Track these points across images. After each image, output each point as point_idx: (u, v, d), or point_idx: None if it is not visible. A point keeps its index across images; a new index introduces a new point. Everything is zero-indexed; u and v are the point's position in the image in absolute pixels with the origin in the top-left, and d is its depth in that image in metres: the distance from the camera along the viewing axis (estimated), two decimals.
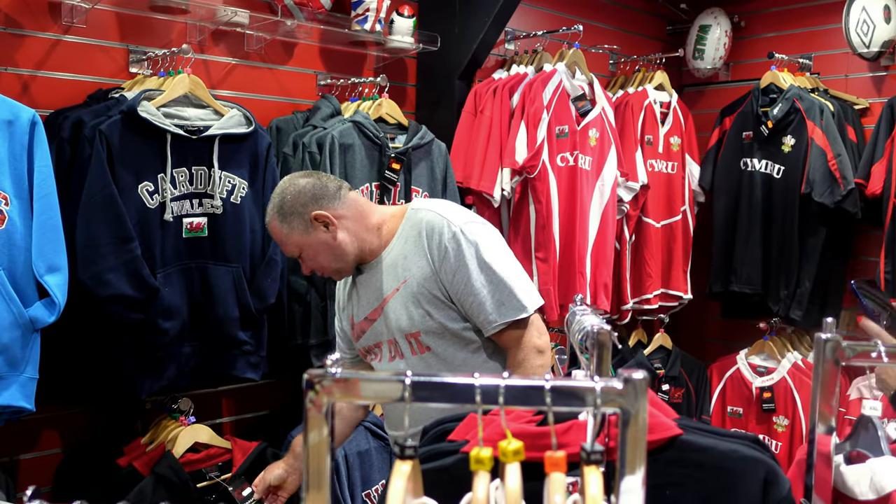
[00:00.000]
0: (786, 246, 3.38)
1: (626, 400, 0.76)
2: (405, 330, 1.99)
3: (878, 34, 3.27)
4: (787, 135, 3.38)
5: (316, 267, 2.05)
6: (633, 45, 3.84)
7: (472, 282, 1.92)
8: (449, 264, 1.93)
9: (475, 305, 1.94)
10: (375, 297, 2.05)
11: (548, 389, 0.76)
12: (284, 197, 2.00)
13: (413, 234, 1.99)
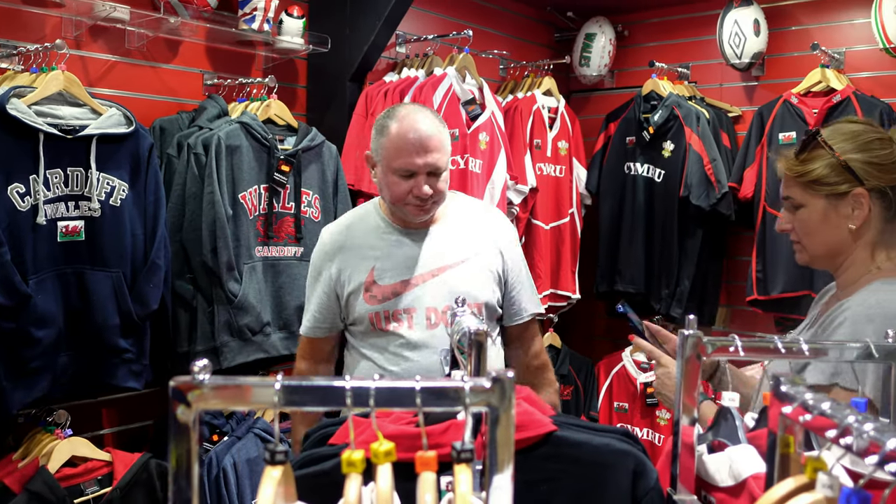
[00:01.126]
0: (666, 247, 3.52)
1: (494, 399, 0.78)
2: (474, 298, 2.05)
3: (749, 46, 3.46)
4: (666, 140, 3.53)
5: (441, 190, 2.01)
6: (523, 51, 3.92)
7: (522, 270, 2.18)
8: (512, 251, 2.16)
9: (520, 292, 2.16)
10: (429, 262, 2.06)
11: (418, 390, 0.77)
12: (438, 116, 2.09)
13: (478, 217, 2.17)
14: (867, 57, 3.40)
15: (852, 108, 3.21)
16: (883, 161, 1.49)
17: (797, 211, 1.56)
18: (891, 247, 1.52)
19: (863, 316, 1.40)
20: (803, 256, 1.60)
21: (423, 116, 2.03)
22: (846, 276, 1.55)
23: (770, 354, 1.11)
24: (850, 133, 1.52)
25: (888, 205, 1.50)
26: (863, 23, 3.37)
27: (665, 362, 1.62)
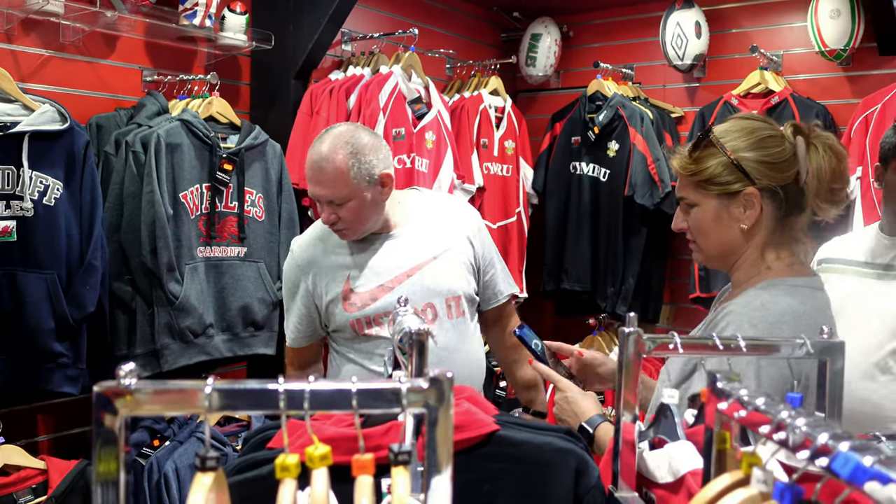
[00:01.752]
0: (611, 246, 3.56)
1: (432, 399, 0.77)
2: (451, 291, 2.12)
3: (691, 48, 3.52)
4: (611, 140, 3.57)
5: (348, 220, 2.04)
6: (470, 50, 3.92)
7: (493, 254, 2.24)
8: (481, 238, 2.22)
9: (494, 276, 2.23)
10: (401, 264, 2.11)
11: (354, 392, 0.76)
12: (360, 143, 2.02)
13: (443, 211, 2.21)
14: (804, 60, 3.48)
15: (790, 109, 3.29)
16: (775, 160, 1.47)
17: (691, 210, 1.54)
18: (781, 247, 1.51)
19: (745, 318, 1.40)
20: (699, 256, 1.59)
21: (325, 146, 2.02)
22: (737, 277, 1.55)
23: (708, 351, 1.12)
24: (742, 131, 1.49)
25: (779, 205, 1.48)
26: (800, 26, 3.45)
27: (563, 386, 1.60)
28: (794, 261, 1.52)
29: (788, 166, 1.47)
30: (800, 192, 1.47)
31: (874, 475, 0.59)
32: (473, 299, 2.20)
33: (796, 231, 1.51)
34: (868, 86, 3.30)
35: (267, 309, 2.79)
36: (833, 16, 3.22)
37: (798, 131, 1.48)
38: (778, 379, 1.36)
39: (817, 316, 1.42)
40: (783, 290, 1.45)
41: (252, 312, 2.75)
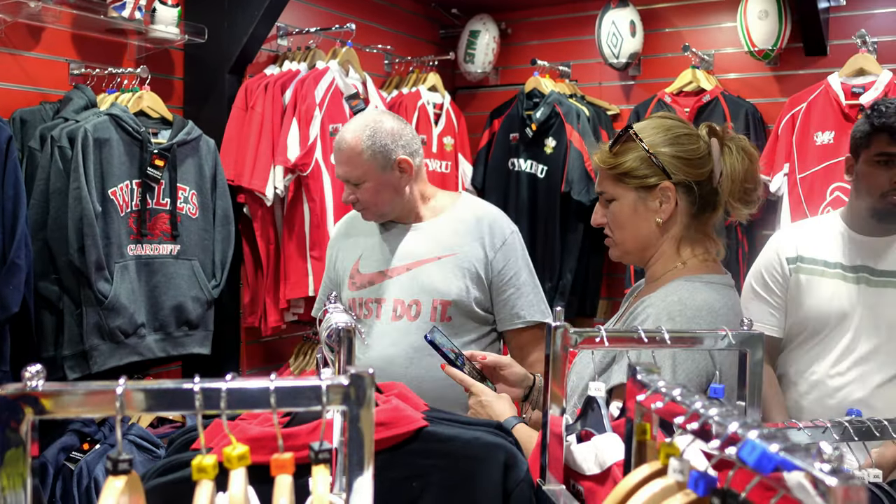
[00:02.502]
0: (549, 241, 3.60)
1: (352, 397, 0.76)
2: (442, 294, 2.09)
3: (626, 47, 3.57)
4: (549, 137, 3.61)
5: (366, 200, 2.11)
6: (408, 46, 3.91)
7: (520, 274, 2.13)
8: (504, 253, 2.13)
9: (513, 297, 2.12)
10: (406, 256, 2.14)
11: (272, 391, 0.75)
12: (380, 127, 2.10)
13: (469, 218, 2.16)
14: (734, 59, 3.57)
15: (720, 107, 3.36)
16: (690, 156, 1.52)
17: (610, 205, 1.58)
18: (696, 242, 1.56)
19: (664, 313, 1.44)
20: (615, 251, 1.63)
21: (348, 128, 2.13)
22: (653, 271, 1.59)
23: (633, 344, 1.14)
24: (660, 128, 1.54)
25: (693, 200, 1.54)
26: (730, 27, 3.54)
27: (476, 391, 1.61)
28: (708, 258, 1.57)
29: (703, 163, 1.52)
30: (713, 191, 1.53)
31: (779, 462, 0.61)
32: (471, 309, 2.11)
33: (709, 228, 1.58)
34: (795, 85, 3.40)
35: (201, 308, 2.74)
36: (761, 17, 3.31)
37: (713, 132, 1.54)
38: (694, 371, 1.40)
39: (731, 312, 1.48)
40: (700, 286, 1.49)
41: (186, 311, 2.70)
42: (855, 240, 2.07)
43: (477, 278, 2.11)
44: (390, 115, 2.20)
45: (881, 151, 1.96)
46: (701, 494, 0.72)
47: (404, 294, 2.10)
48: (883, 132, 1.95)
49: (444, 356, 1.70)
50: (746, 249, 3.44)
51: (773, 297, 2.12)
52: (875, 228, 2.04)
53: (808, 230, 2.19)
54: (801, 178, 3.16)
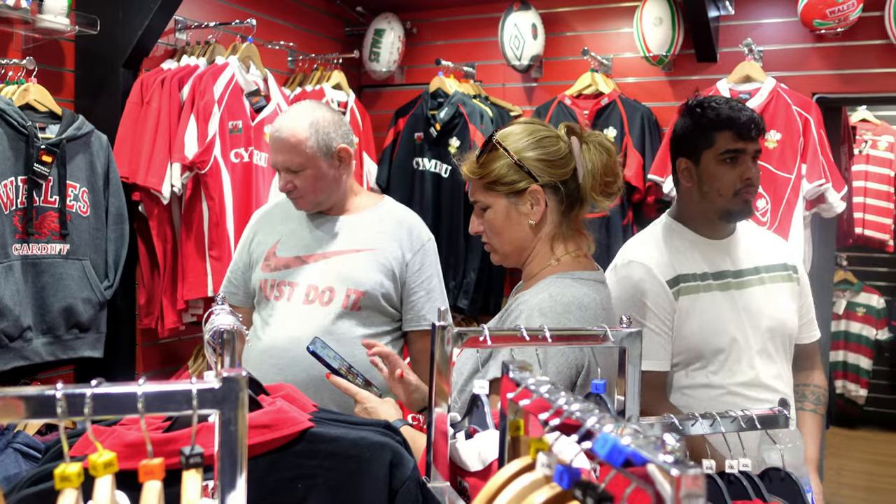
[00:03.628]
0: (453, 241, 3.63)
1: (224, 400, 0.76)
2: (357, 284, 2.15)
3: (528, 49, 3.64)
4: (452, 137, 3.64)
5: (304, 188, 2.16)
6: (312, 43, 3.88)
7: (431, 279, 2.23)
8: (421, 257, 2.22)
9: (422, 299, 2.20)
10: (326, 245, 2.21)
11: (140, 395, 0.73)
12: (322, 116, 2.16)
13: (391, 220, 2.25)
14: (631, 64, 3.69)
15: (618, 110, 3.47)
16: (553, 157, 1.59)
17: (485, 213, 1.64)
18: (568, 239, 1.63)
19: (535, 309, 1.50)
20: (495, 257, 1.69)
21: (287, 116, 2.19)
22: (529, 270, 1.66)
23: (516, 342, 1.17)
24: (522, 133, 1.61)
25: (561, 199, 1.61)
26: (627, 32, 3.65)
27: (362, 398, 1.63)
28: (580, 253, 1.64)
29: (566, 163, 1.59)
30: (578, 188, 1.61)
31: (629, 455, 0.64)
32: (379, 304, 2.18)
33: (579, 224, 1.65)
34: (688, 89, 3.53)
35: (93, 309, 2.65)
36: (656, 23, 3.43)
37: (571, 131, 1.61)
38: (564, 364, 1.45)
39: (600, 307, 1.54)
40: (570, 282, 1.55)
41: (76, 313, 2.60)
42: (707, 244, 2.02)
43: (392, 276, 2.19)
44: (327, 106, 2.27)
45: (728, 149, 1.91)
46: (565, 487, 0.75)
47: (319, 280, 2.18)
48: (725, 128, 1.90)
49: (327, 366, 1.73)
50: None
51: (660, 326, 1.95)
52: (722, 229, 2.02)
53: (662, 244, 2.03)
54: None
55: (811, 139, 3.13)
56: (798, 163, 3.14)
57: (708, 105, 1.94)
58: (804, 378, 2.13)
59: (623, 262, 2.01)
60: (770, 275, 2.05)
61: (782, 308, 2.03)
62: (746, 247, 2.06)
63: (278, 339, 2.14)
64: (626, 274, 1.97)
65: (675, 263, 1.98)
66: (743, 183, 1.92)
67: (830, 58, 3.39)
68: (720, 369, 1.95)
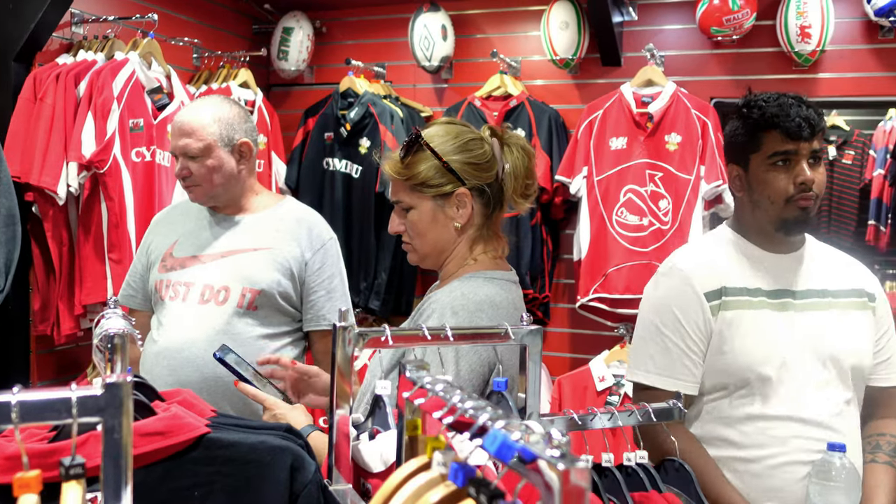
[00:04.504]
0: (364, 241, 3.62)
1: (107, 407, 0.73)
2: (252, 283, 2.12)
3: (438, 50, 3.65)
4: (363, 137, 3.62)
5: (201, 176, 2.13)
6: (218, 40, 3.79)
7: (333, 279, 2.20)
8: (321, 256, 2.20)
9: (322, 299, 2.18)
10: (223, 245, 2.18)
11: (14, 404, 0.70)
12: (228, 107, 2.18)
13: (290, 219, 2.23)
14: (539, 66, 3.75)
15: (526, 112, 3.52)
16: (479, 160, 1.60)
17: (408, 213, 1.62)
18: (488, 241, 1.64)
19: (448, 307, 1.51)
20: (414, 257, 1.67)
21: (195, 104, 2.20)
22: (447, 269, 1.66)
23: (418, 342, 1.17)
24: (449, 135, 1.60)
25: (487, 202, 1.62)
26: (535, 36, 3.71)
27: (270, 405, 1.61)
28: (497, 255, 1.66)
29: (491, 166, 1.60)
30: (500, 190, 1.61)
31: (519, 450, 0.65)
32: (277, 303, 2.15)
33: (497, 227, 1.66)
34: (593, 92, 3.62)
35: None
36: (562, 28, 3.49)
37: (493, 133, 1.62)
38: (477, 362, 1.46)
39: (512, 306, 1.56)
40: (483, 281, 1.57)
41: None
42: (768, 259, 1.78)
43: (290, 275, 2.17)
44: (235, 102, 2.28)
45: (776, 151, 1.70)
46: (460, 485, 0.75)
47: (214, 280, 2.15)
48: (772, 128, 1.69)
49: (235, 373, 1.71)
50: (551, 248, 3.63)
51: (691, 344, 1.72)
52: (782, 244, 1.78)
53: (711, 253, 1.82)
54: (598, 180, 3.37)
55: (709, 142, 3.25)
56: (697, 164, 3.26)
57: (754, 104, 1.73)
58: (880, 427, 1.81)
59: (664, 269, 1.83)
60: (841, 300, 1.78)
61: (852, 338, 1.76)
62: (815, 266, 1.81)
63: (173, 340, 2.10)
64: (663, 280, 1.81)
65: (721, 274, 1.75)
66: (797, 189, 1.69)
67: (727, 64, 3.53)
68: (769, 400, 1.68)
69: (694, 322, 1.72)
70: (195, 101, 2.24)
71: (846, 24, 3.36)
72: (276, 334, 2.16)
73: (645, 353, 1.76)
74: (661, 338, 1.74)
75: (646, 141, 3.32)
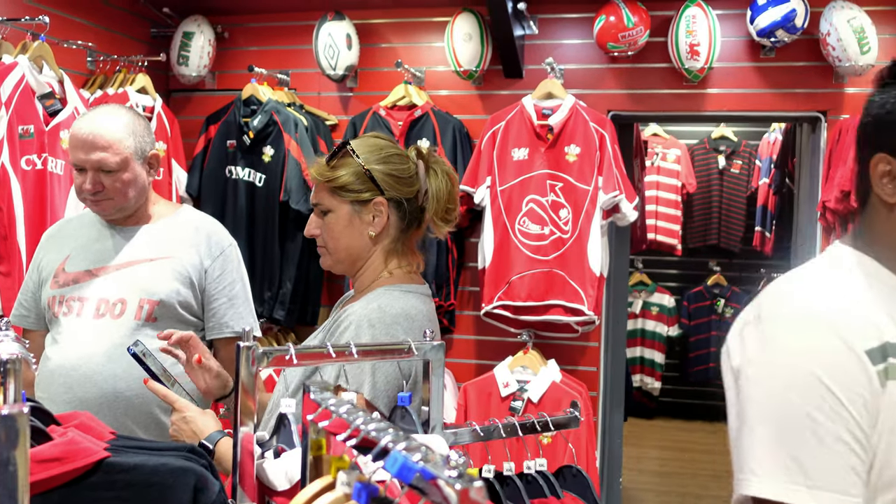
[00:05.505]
0: (268, 250, 3.58)
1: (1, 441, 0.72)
2: (150, 294, 2.08)
3: (342, 59, 3.65)
4: (266, 145, 3.58)
5: (114, 190, 2.08)
6: (115, 44, 3.67)
7: (234, 285, 2.19)
8: (221, 263, 2.17)
9: (223, 306, 2.16)
10: (118, 257, 2.12)
11: None
12: (136, 119, 2.14)
13: (188, 227, 2.20)
14: (444, 77, 3.80)
15: (430, 122, 3.57)
16: (401, 174, 1.67)
17: (325, 216, 1.68)
18: (402, 255, 1.70)
19: (364, 320, 1.55)
20: (327, 261, 1.73)
21: (101, 115, 2.12)
22: (361, 281, 1.71)
23: (324, 360, 1.18)
24: (375, 146, 1.68)
25: (403, 215, 1.69)
26: (440, 46, 3.76)
27: (180, 406, 1.61)
28: (412, 270, 1.71)
29: (412, 182, 1.67)
30: (419, 209, 1.69)
31: (419, 471, 0.68)
32: (177, 313, 2.12)
33: (413, 244, 1.72)
34: (497, 104, 3.70)
35: None
36: (466, 39, 3.56)
37: (420, 155, 1.69)
38: (393, 374, 1.50)
39: (426, 319, 1.60)
40: (399, 294, 1.61)
41: None
42: None
43: (189, 283, 2.14)
44: (138, 113, 2.23)
45: None
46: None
47: (110, 293, 2.10)
48: None
49: (148, 370, 1.70)
50: (456, 256, 3.68)
51: (858, 434, 1.03)
52: None
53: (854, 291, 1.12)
54: (501, 190, 3.45)
55: (606, 153, 3.38)
56: (595, 175, 3.37)
57: None
58: None
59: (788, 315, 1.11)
60: None
61: None
62: None
63: (68, 357, 2.05)
64: (793, 336, 1.08)
65: (877, 322, 1.08)
66: None
67: (623, 78, 3.67)
68: None
69: (859, 398, 1.04)
70: (98, 111, 2.14)
71: (732, 42, 3.56)
72: None
73: (780, 454, 1.03)
74: (807, 427, 1.03)
75: (546, 152, 3.42)
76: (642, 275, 6.67)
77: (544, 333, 3.59)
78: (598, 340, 3.73)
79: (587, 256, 3.36)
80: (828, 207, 3.33)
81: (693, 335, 6.60)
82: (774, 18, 3.28)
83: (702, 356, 6.61)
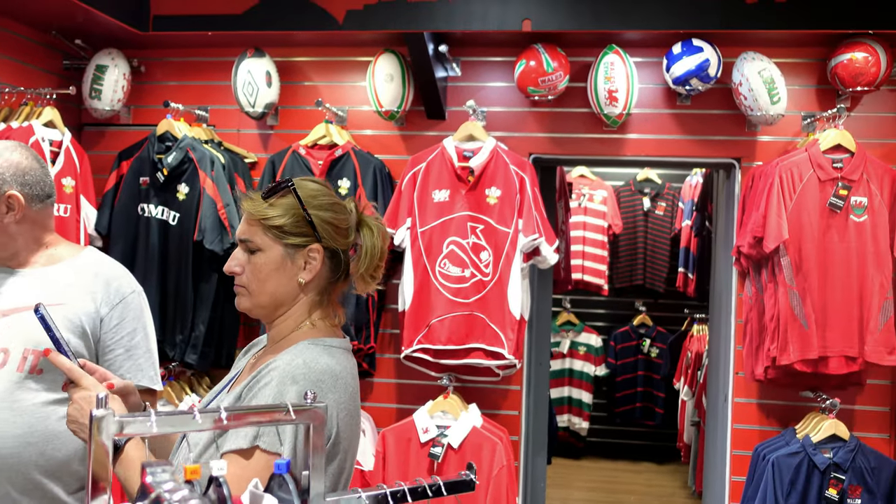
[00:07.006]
0: (181, 292, 3.46)
1: None
2: (36, 343, 1.91)
3: (262, 97, 3.59)
4: (181, 183, 3.48)
5: None
6: (22, 75, 3.54)
7: (133, 335, 2.05)
8: (120, 312, 2.03)
9: (120, 358, 2.02)
10: (4, 301, 1.98)
11: None
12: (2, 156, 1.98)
13: (87, 272, 2.05)
14: (366, 117, 3.77)
15: (351, 162, 3.52)
16: (339, 224, 1.61)
17: (253, 255, 1.58)
18: (326, 307, 1.64)
19: (288, 376, 1.48)
20: (246, 302, 1.62)
21: None
22: (279, 330, 1.62)
23: (189, 427, 1.11)
24: (318, 192, 1.61)
25: (336, 266, 1.62)
26: (362, 86, 3.73)
27: (86, 384, 1.54)
28: (335, 323, 1.65)
29: (348, 234, 1.62)
30: (349, 263, 1.62)
31: None
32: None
33: (338, 296, 1.66)
34: (419, 144, 3.69)
35: None
36: (387, 80, 3.53)
37: (356, 209, 1.65)
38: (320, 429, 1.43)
39: (350, 376, 1.55)
40: (323, 349, 1.54)
41: None
42: None
43: (82, 333, 1.99)
44: (25, 151, 2.05)
45: None
46: None
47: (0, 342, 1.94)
48: None
49: (52, 338, 1.60)
50: (376, 298, 3.62)
51: None
52: None
53: None
54: (421, 231, 3.41)
55: (526, 196, 3.38)
56: (515, 218, 3.37)
57: None
58: None
59: None
60: None
61: None
62: None
63: None
64: None
65: None
66: None
67: (544, 121, 3.70)
68: None
69: None
70: None
71: (650, 90, 3.62)
72: (65, 399, 1.98)
73: None
74: None
75: (467, 194, 3.41)
76: (570, 314, 6.70)
77: (465, 377, 3.54)
78: (520, 384, 3.70)
79: (507, 299, 3.33)
80: (742, 252, 3.39)
81: (620, 374, 6.65)
82: (689, 67, 3.35)
83: (628, 395, 6.66)
